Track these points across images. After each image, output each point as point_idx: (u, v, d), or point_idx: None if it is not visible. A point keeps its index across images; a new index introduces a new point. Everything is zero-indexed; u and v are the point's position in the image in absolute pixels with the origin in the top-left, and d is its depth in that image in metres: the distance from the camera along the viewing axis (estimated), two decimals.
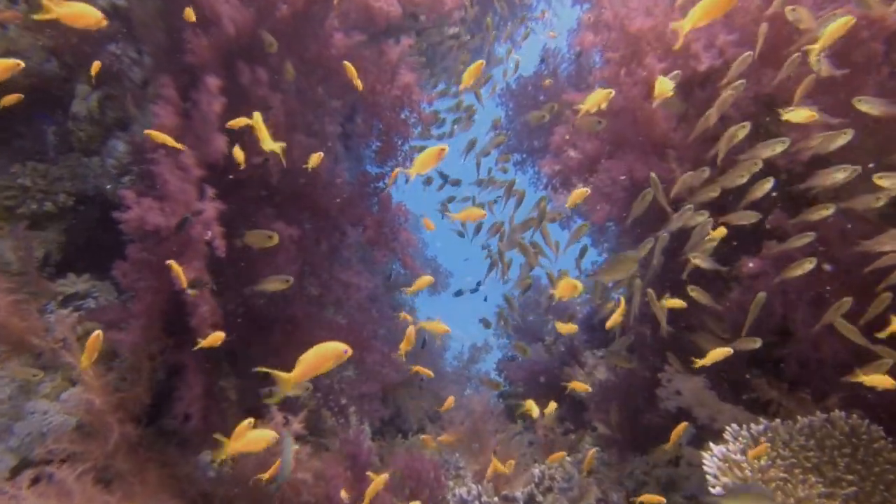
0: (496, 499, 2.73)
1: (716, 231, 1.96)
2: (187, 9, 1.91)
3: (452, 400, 2.68)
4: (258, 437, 1.58)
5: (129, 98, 2.32)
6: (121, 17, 2.36)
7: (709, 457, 1.75)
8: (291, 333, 2.49)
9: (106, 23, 1.61)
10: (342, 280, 2.55)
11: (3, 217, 2.36)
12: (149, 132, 1.80)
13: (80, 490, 1.60)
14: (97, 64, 1.83)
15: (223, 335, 1.84)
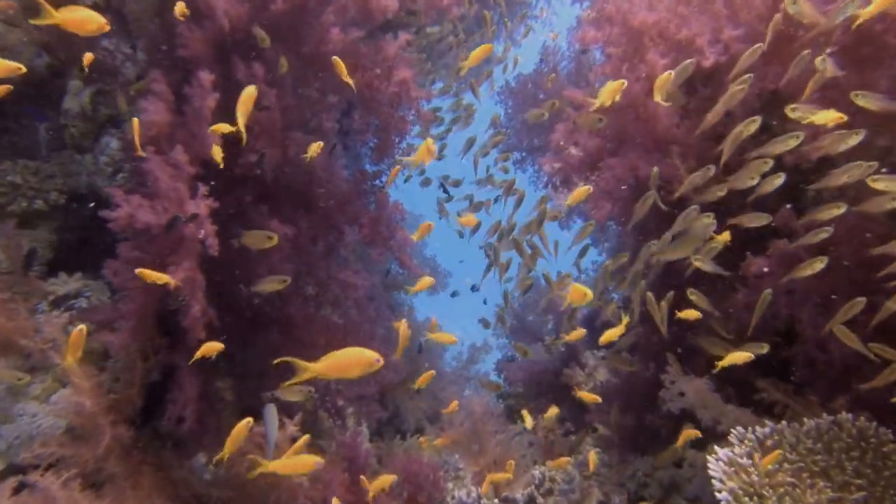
0: (496, 501, 2.70)
1: (720, 235, 1.92)
2: (179, 3, 1.86)
3: (456, 404, 2.66)
4: (301, 462, 1.56)
5: (122, 95, 2.27)
6: (114, 12, 2.31)
7: (714, 460, 1.71)
8: (288, 333, 2.44)
9: (109, 28, 1.57)
10: (340, 279, 2.51)
11: None
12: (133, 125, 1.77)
13: (66, 497, 1.55)
14: (89, 55, 1.79)
15: (219, 346, 1.81)
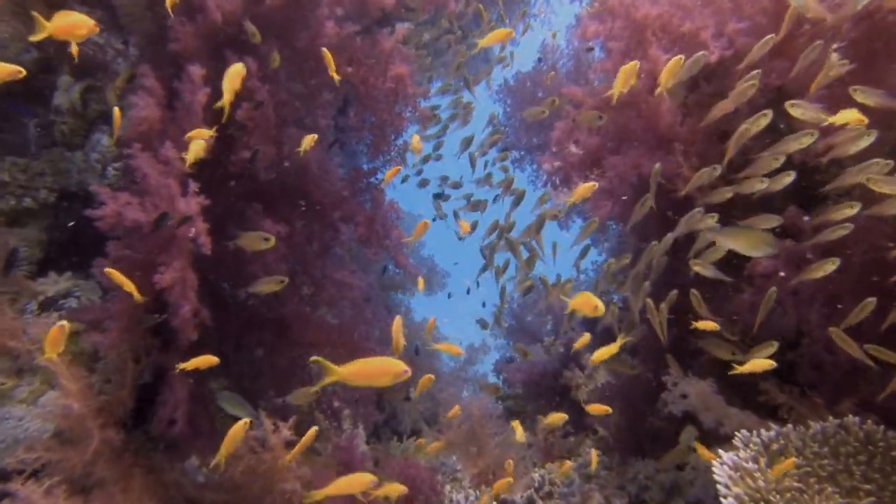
0: (494, 503, 2.66)
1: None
2: None
3: (458, 409, 2.63)
4: (355, 482, 1.53)
5: (113, 90, 2.22)
6: (105, 7, 2.27)
7: (718, 464, 1.66)
8: (283, 334, 2.40)
9: (98, 29, 1.55)
10: (335, 279, 2.46)
11: None
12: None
13: None
14: (75, 48, 1.74)
15: (214, 360, 1.77)
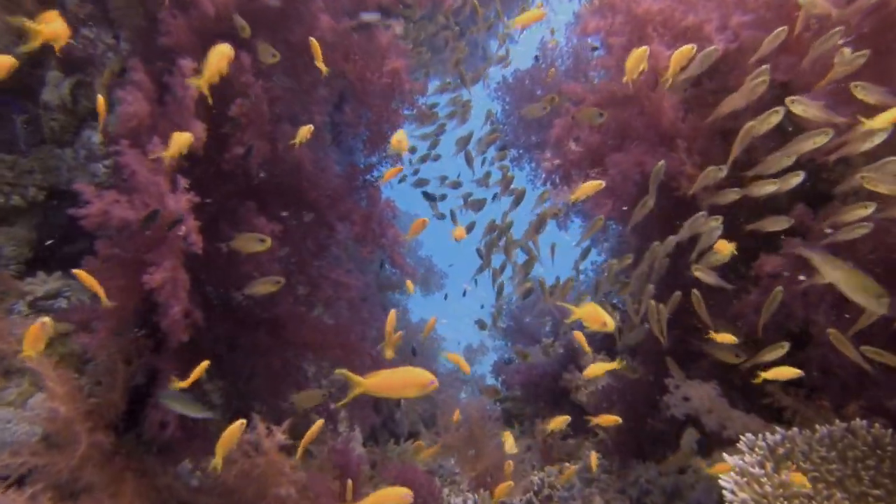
0: None
1: (722, 246, 1.81)
2: None
3: (458, 414, 2.60)
4: (390, 495, 1.51)
5: (103, 86, 2.17)
6: (94, 0, 2.22)
7: None
8: (278, 334, 2.35)
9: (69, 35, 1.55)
10: (331, 279, 2.41)
11: None
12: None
13: None
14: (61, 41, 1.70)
15: (205, 363, 1.72)
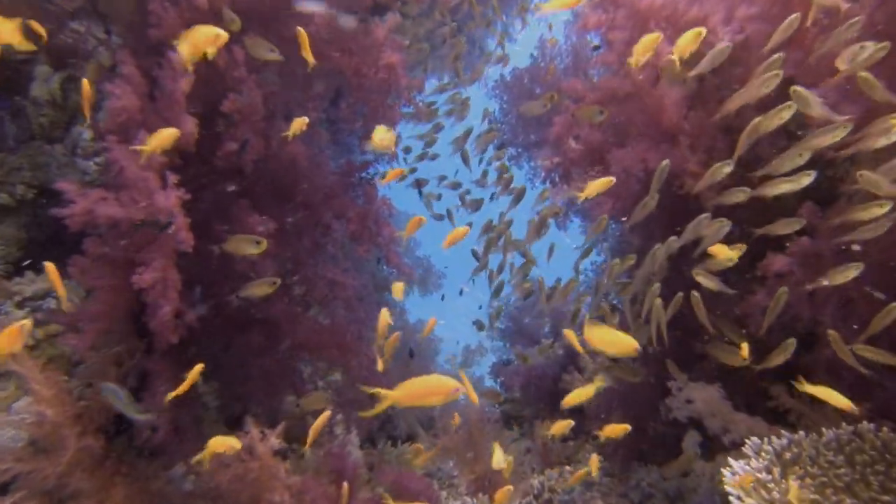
0: None
1: (719, 250, 1.77)
2: None
3: (458, 418, 2.56)
4: None
5: (91, 80, 2.12)
6: None
7: (729, 474, 1.58)
8: (273, 334, 2.30)
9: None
10: (327, 278, 2.37)
11: None
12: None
13: None
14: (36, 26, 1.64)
15: (200, 367, 1.68)
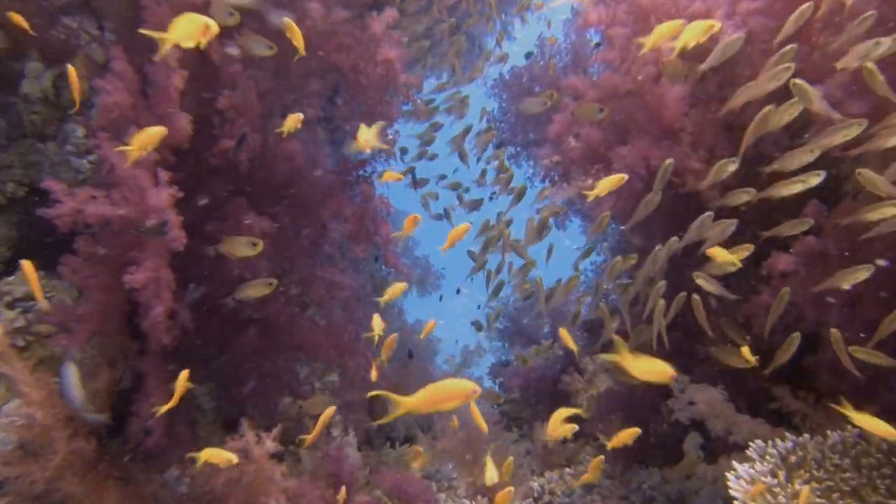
0: None
1: (719, 255, 1.74)
2: None
3: (457, 421, 2.53)
4: None
5: (82, 76, 2.09)
6: None
7: (734, 478, 1.55)
8: (269, 335, 2.27)
9: None
10: (325, 278, 2.34)
11: None
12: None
13: None
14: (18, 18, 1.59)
15: (186, 373, 1.64)
